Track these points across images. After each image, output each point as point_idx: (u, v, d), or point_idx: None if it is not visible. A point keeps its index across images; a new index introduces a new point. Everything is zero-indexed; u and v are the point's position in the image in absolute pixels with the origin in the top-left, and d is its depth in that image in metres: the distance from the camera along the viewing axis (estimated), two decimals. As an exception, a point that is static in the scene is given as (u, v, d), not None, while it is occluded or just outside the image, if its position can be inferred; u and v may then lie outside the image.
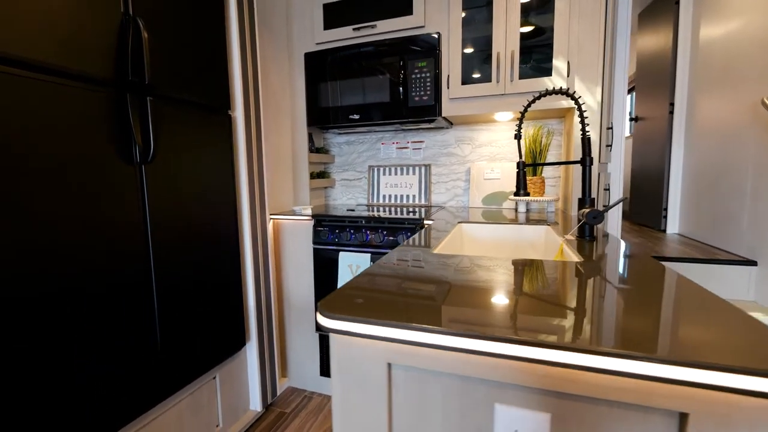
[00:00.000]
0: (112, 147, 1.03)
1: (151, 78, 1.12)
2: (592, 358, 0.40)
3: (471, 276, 0.68)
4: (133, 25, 1.06)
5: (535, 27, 1.57)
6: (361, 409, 0.52)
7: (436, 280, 0.66)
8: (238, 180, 1.55)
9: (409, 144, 2.22)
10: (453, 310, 0.52)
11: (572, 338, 0.42)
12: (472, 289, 0.60)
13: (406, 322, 0.48)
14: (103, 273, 1.00)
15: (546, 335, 0.43)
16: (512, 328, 0.46)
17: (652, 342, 0.41)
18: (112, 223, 1.02)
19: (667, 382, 0.38)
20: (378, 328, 0.49)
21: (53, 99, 0.89)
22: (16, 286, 0.82)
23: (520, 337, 0.43)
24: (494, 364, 0.45)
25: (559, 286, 0.61)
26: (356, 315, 0.50)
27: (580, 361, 0.41)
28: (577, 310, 0.51)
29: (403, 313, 0.51)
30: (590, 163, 1.02)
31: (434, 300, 0.56)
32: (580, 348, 0.41)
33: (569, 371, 0.42)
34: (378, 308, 0.53)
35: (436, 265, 0.76)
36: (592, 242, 0.98)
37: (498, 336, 0.44)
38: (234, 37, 1.49)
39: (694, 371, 0.37)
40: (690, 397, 0.38)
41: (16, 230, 0.82)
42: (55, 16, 0.89)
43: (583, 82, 1.51)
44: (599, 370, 0.40)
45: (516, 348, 0.43)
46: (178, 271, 1.23)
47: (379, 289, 0.61)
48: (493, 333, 0.44)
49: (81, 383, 0.95)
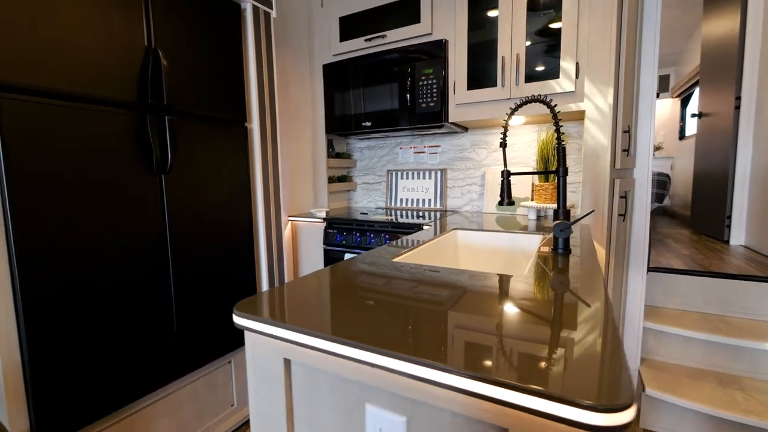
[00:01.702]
0: (136, 160, 1.22)
1: (169, 99, 1.30)
2: (432, 372, 0.44)
3: (389, 287, 0.72)
4: (153, 56, 1.25)
5: (542, 28, 1.51)
6: (267, 398, 0.60)
7: (353, 288, 0.71)
8: (253, 185, 1.71)
9: (426, 148, 2.24)
10: (343, 317, 0.57)
11: (418, 352, 0.46)
12: (379, 301, 0.65)
13: (294, 325, 0.54)
14: (127, 266, 1.20)
15: (400, 346, 0.47)
16: (377, 338, 0.50)
17: (486, 362, 0.43)
18: (136, 224, 1.22)
19: (490, 400, 0.40)
20: (274, 329, 0.56)
21: (85, 122, 1.09)
22: (51, 281, 1.03)
23: (380, 347, 0.47)
24: (361, 368, 0.50)
25: (449, 303, 0.63)
26: (260, 315, 0.58)
27: (422, 373, 0.44)
28: (442, 326, 0.54)
29: (297, 317, 0.57)
30: (564, 173, 0.98)
31: (330, 306, 0.62)
32: (422, 362, 0.44)
33: (419, 382, 0.46)
34: (281, 311, 0.60)
35: (373, 274, 0.81)
36: (566, 256, 0.95)
37: (362, 345, 0.48)
38: (251, 57, 1.65)
39: (510, 392, 0.39)
40: (509, 414, 0.40)
41: (60, 231, 1.03)
42: (89, 54, 1.09)
43: (594, 84, 1.43)
44: (437, 383, 0.43)
45: (375, 357, 0.48)
46: (193, 266, 1.41)
47: (297, 293, 0.68)
48: (361, 341, 0.49)
49: (113, 352, 1.15)
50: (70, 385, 1.08)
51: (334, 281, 0.76)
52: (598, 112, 1.43)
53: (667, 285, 2.00)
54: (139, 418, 1.28)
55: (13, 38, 0.95)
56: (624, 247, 1.71)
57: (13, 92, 0.96)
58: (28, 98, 0.98)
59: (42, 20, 1.00)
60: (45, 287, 1.02)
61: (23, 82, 0.97)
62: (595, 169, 1.46)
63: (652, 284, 2.03)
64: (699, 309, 1.95)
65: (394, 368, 0.46)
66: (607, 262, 1.53)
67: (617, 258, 1.63)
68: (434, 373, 0.43)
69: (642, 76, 1.66)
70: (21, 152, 0.97)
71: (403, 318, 0.56)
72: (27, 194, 0.98)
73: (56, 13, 1.02)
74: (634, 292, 1.78)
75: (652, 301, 2.03)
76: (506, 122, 1.04)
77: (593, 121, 1.45)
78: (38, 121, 1.00)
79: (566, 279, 0.75)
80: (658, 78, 1.66)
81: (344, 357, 0.50)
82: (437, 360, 0.43)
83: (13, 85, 0.95)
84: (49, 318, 1.03)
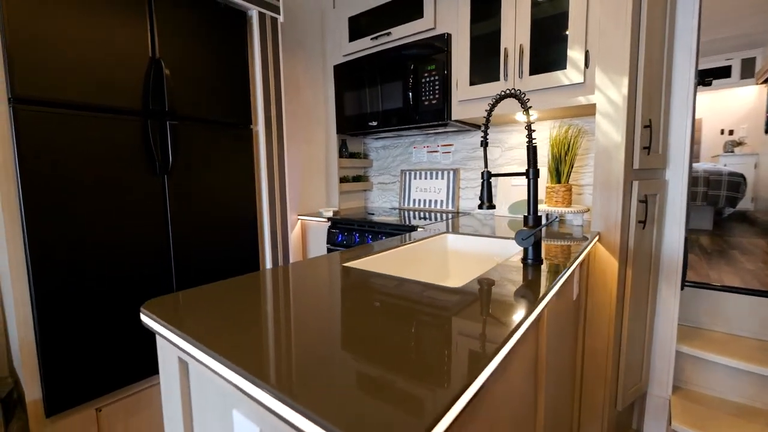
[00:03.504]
0: (140, 162, 1.33)
1: (171, 105, 1.40)
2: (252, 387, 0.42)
3: (296, 296, 0.71)
4: (155, 66, 1.35)
5: (548, 15, 1.37)
6: (170, 394, 0.62)
7: (251, 296, 0.70)
8: (258, 185, 1.78)
9: (439, 147, 2.16)
10: (226, 323, 0.57)
11: (257, 370, 0.44)
12: (262, 313, 0.64)
13: (175, 327, 0.56)
14: (130, 259, 1.32)
15: (246, 363, 0.46)
16: (230, 351, 0.49)
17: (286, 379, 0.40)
18: (139, 221, 1.33)
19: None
20: (165, 330, 0.58)
21: (93, 128, 1.21)
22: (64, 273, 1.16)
23: (228, 360, 0.46)
24: (224, 375, 0.49)
25: (328, 316, 0.60)
26: (158, 317, 0.60)
27: (255, 393, 0.42)
28: (288, 344, 0.51)
29: (185, 320, 0.58)
30: (534, 175, 0.88)
31: (220, 313, 0.62)
32: (256, 382, 0.42)
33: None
34: (175, 314, 0.61)
35: (296, 282, 0.80)
36: (536, 266, 0.85)
37: (220, 358, 0.48)
38: (257, 62, 1.71)
39: (304, 420, 0.36)
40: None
41: (67, 227, 1.16)
42: (97, 67, 1.21)
43: (606, 73, 1.27)
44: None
45: (226, 371, 0.47)
46: (195, 260, 1.51)
47: (205, 296, 0.69)
48: (220, 352, 0.48)
49: (117, 338, 1.28)
50: (77, 364, 1.21)
51: (241, 289, 0.76)
52: (610, 105, 1.27)
53: (714, 304, 1.72)
54: (140, 397, 1.40)
55: (28, 57, 1.08)
56: (650, 258, 1.50)
57: (28, 104, 1.10)
58: (40, 109, 1.11)
59: (54, 39, 1.13)
60: (54, 277, 1.15)
61: (36, 95, 1.10)
62: (607, 169, 1.30)
63: (693, 302, 1.76)
64: (755, 335, 1.65)
65: (239, 385, 0.45)
66: (622, 276, 1.35)
67: (639, 270, 1.43)
68: (258, 392, 0.41)
69: (676, 60, 1.44)
70: (34, 157, 1.10)
71: (271, 332, 0.55)
72: (39, 195, 1.12)
73: (66, 32, 1.15)
74: (664, 310, 1.56)
75: (694, 322, 1.76)
76: (487, 119, 0.95)
77: (605, 115, 1.29)
78: (49, 129, 1.13)
79: (484, 296, 0.67)
80: (696, 62, 1.42)
81: (208, 367, 0.50)
82: (264, 380, 0.41)
83: (28, 98, 1.09)
84: (57, 305, 1.16)
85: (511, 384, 0.64)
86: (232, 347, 0.49)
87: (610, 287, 1.33)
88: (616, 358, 1.41)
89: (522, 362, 0.69)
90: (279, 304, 0.65)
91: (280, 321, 0.57)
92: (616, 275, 1.32)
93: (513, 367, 0.64)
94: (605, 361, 1.38)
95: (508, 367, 0.62)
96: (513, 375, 0.64)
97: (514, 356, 0.64)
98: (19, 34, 1.07)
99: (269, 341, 0.51)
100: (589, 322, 1.39)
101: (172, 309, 0.62)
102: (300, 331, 0.54)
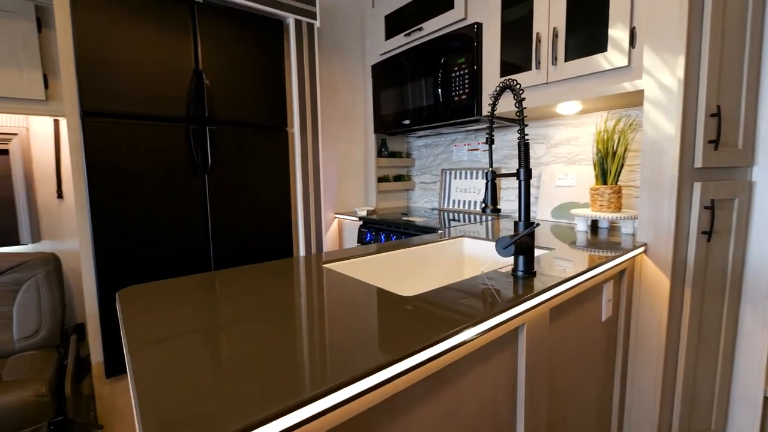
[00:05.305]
0: (185, 164, 1.51)
1: (211, 112, 1.55)
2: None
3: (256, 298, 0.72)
4: (197, 77, 1.51)
5: (587, -10, 1.19)
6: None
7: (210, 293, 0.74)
8: (293, 183, 1.88)
9: (480, 145, 2.03)
10: (165, 322, 0.61)
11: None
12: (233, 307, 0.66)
13: (132, 319, 0.62)
14: (174, 245, 1.50)
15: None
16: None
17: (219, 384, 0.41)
18: (184, 215, 1.51)
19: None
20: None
21: (145, 134, 1.41)
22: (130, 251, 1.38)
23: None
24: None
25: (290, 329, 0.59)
26: (127, 306, 0.67)
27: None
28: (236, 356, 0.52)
29: (150, 312, 0.64)
30: (527, 176, 0.77)
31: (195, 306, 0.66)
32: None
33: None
34: (144, 303, 0.68)
35: (268, 279, 0.82)
36: (529, 279, 0.75)
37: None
38: (293, 67, 1.80)
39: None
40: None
41: (124, 220, 1.37)
42: (150, 82, 1.40)
43: (656, 53, 1.05)
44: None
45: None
46: (230, 249, 1.66)
47: (177, 288, 0.75)
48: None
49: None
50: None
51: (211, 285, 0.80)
52: (661, 91, 1.05)
53: (831, 343, 1.31)
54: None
55: (94, 77, 1.30)
56: (724, 277, 1.21)
57: (93, 116, 1.32)
58: (103, 120, 1.33)
59: (114, 60, 1.34)
60: (111, 259, 1.37)
61: (100, 108, 1.32)
62: (657, 167, 1.08)
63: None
64: None
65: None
66: (678, 297, 1.12)
67: (707, 292, 1.17)
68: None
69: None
70: (97, 161, 1.32)
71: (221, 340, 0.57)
72: (101, 192, 1.34)
73: (124, 53, 1.35)
74: (748, 344, 1.24)
75: (801, 363, 1.37)
76: (491, 113, 0.86)
77: (654, 103, 1.07)
78: (110, 137, 1.34)
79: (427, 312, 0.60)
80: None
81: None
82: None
83: (93, 111, 1.31)
84: (114, 281, 1.38)
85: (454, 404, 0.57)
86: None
87: (659, 310, 1.11)
88: (669, 395, 1.17)
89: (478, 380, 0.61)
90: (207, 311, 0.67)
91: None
92: (667, 296, 1.09)
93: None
94: (652, 398, 1.15)
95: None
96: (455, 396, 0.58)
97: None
98: (86, 59, 1.29)
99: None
100: (633, 351, 1.18)
101: (140, 301, 0.69)
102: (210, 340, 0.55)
